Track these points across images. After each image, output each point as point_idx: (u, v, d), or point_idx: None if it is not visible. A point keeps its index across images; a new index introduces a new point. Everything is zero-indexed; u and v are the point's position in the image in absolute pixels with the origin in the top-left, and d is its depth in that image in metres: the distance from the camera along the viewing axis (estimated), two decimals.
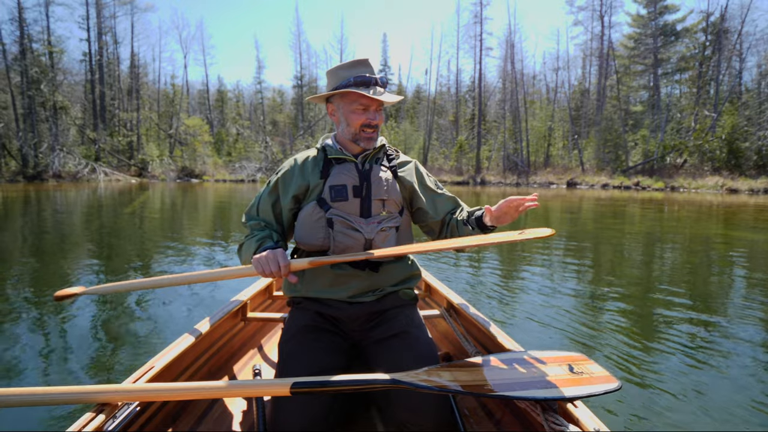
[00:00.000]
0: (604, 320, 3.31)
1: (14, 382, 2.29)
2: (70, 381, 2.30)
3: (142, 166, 34.84)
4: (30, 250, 6.15)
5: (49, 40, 33.72)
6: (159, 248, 6.30)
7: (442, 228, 1.53)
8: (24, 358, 2.56)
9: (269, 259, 1.22)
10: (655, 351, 2.73)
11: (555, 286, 4.27)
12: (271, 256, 1.22)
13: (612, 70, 35.18)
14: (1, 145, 30.47)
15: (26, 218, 10.15)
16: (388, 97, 1.38)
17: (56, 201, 14.94)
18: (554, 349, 1.41)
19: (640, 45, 34.68)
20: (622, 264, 5.57)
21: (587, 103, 38.86)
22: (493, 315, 3.37)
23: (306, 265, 1.28)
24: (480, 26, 39.74)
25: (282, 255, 1.24)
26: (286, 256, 1.25)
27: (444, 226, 1.52)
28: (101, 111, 36.90)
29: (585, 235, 8.22)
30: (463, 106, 42.94)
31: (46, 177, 29.24)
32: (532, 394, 1.03)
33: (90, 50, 37.04)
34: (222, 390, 1.03)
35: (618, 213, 12.59)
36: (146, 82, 41.58)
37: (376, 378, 1.03)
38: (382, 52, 51.29)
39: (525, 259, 5.79)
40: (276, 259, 1.22)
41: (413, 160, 1.56)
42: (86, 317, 3.25)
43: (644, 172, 29.90)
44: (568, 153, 37.11)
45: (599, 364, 1.20)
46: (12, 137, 31.21)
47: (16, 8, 32.06)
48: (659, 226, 9.61)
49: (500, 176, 34.56)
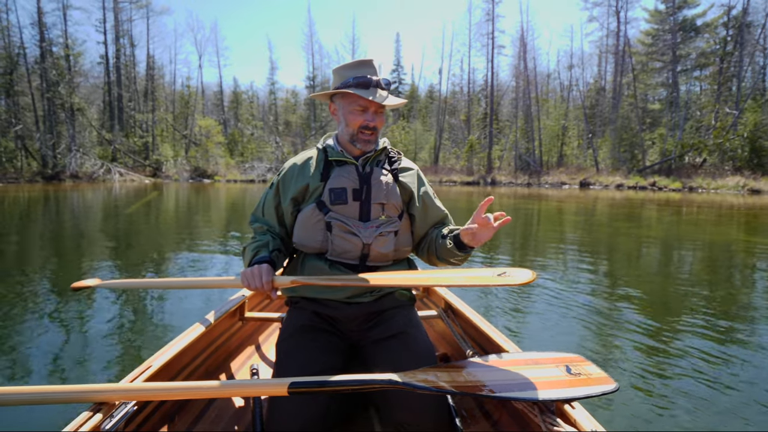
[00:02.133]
0: (603, 322, 3.28)
1: (11, 380, 2.29)
2: (66, 380, 2.31)
3: (156, 166, 35.44)
4: (47, 247, 6.31)
5: (67, 43, 34.59)
6: (170, 247, 6.40)
7: (422, 240, 1.52)
8: (23, 357, 2.57)
9: (254, 275, 1.24)
10: (653, 352, 2.73)
11: (555, 288, 4.22)
12: (257, 272, 1.24)
13: (628, 67, 34.35)
14: (22, 146, 31.35)
15: (46, 217, 10.52)
16: (387, 100, 1.36)
17: (73, 200, 15.42)
18: (552, 350, 1.37)
19: (658, 41, 33.81)
20: (628, 268, 5.44)
21: (602, 101, 38.03)
22: (490, 316, 3.34)
23: (288, 284, 1.30)
24: (492, 24, 39.33)
25: (267, 272, 1.25)
26: (270, 272, 1.27)
27: (424, 238, 1.51)
28: (119, 113, 37.68)
29: (593, 240, 7.99)
30: (475, 105, 42.55)
31: (64, 177, 29.98)
32: (529, 395, 1.02)
33: (107, 53, 37.95)
34: (219, 389, 1.03)
35: (632, 216, 11.97)
36: (162, 84, 42.29)
37: (373, 378, 1.03)
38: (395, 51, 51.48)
39: (526, 260, 5.71)
40: (261, 275, 1.24)
41: (416, 167, 1.54)
42: (83, 316, 3.25)
43: (661, 172, 29.16)
44: (582, 152, 36.38)
45: (596, 366, 1.19)
46: (32, 138, 32.04)
47: (35, 12, 33.02)
48: (675, 230, 9.12)
49: (511, 176, 34.13)
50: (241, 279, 1.26)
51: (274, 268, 1.32)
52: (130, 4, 38.64)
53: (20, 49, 32.42)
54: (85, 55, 36.74)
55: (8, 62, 31.56)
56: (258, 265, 1.26)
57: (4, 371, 2.40)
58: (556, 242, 7.29)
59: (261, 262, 1.28)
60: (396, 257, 1.46)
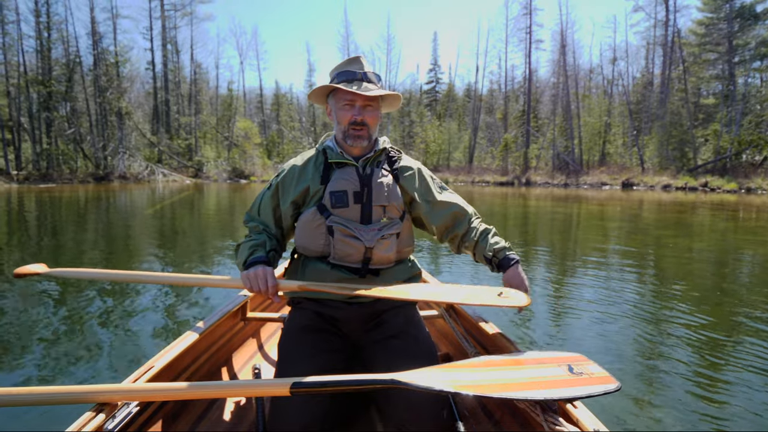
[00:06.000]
0: (606, 322, 3.26)
1: (10, 380, 2.32)
2: (68, 380, 2.33)
3: (198, 167, 36.97)
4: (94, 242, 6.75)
5: (116, 50, 36.83)
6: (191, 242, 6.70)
7: (447, 232, 1.53)
8: (23, 356, 2.61)
9: (258, 277, 1.24)
10: (655, 353, 2.73)
11: (556, 288, 4.13)
12: (261, 274, 1.24)
13: (678, 59, 32.20)
14: (80, 149, 33.68)
15: (98, 213, 11.37)
16: (374, 91, 1.35)
17: (122, 199, 16.60)
18: (554, 349, 1.52)
19: (712, 30, 31.45)
20: (645, 273, 5.08)
21: (649, 96, 35.86)
22: (492, 315, 3.25)
23: (294, 288, 1.29)
24: (529, 18, 38.15)
25: (271, 275, 1.25)
26: (274, 276, 1.27)
27: (445, 233, 1.52)
28: (165, 117, 39.61)
29: (621, 243, 7.45)
30: (513, 103, 41.38)
31: (112, 178, 31.98)
32: (531, 395, 1.02)
33: (153, 59, 40.00)
34: (222, 390, 1.04)
35: (681, 222, 10.38)
36: (205, 88, 44.06)
37: (375, 378, 1.03)
38: (432, 51, 50.78)
39: (527, 261, 5.58)
40: (265, 278, 1.24)
41: (417, 164, 1.53)
42: (84, 316, 3.30)
43: (714, 172, 27.11)
44: (627, 151, 34.49)
45: (599, 365, 1.19)
46: (86, 141, 34.28)
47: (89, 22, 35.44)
48: (733, 238, 7.93)
49: (548, 176, 32.87)
50: (243, 280, 1.25)
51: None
52: (175, 11, 40.48)
53: (76, 57, 34.86)
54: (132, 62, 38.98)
55: (66, 70, 33.99)
56: (262, 267, 1.25)
57: (4, 371, 2.44)
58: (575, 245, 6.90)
59: (258, 262, 1.28)
60: (398, 258, 1.46)
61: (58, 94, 33.25)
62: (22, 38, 32.24)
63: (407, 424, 1.19)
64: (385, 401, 1.24)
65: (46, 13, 33.08)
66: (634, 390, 2.24)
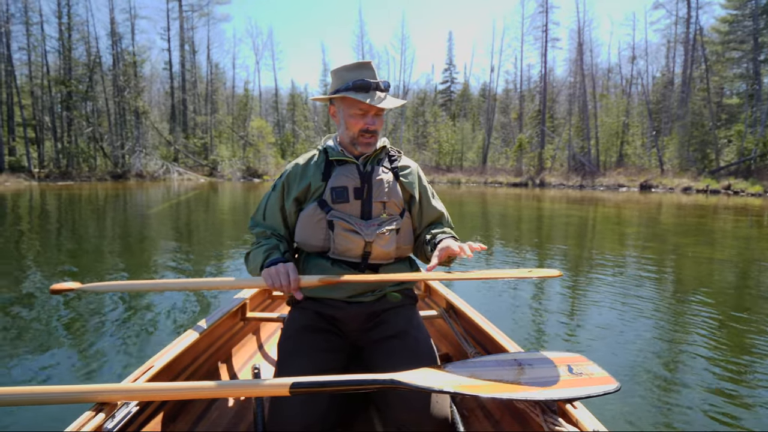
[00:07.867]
0: (606, 322, 3.25)
1: (12, 380, 2.33)
2: (68, 380, 2.34)
3: (212, 166, 37.48)
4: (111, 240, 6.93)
5: (134, 51, 37.62)
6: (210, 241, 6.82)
7: (416, 239, 1.54)
8: (23, 356, 2.62)
9: (280, 273, 1.23)
10: (655, 353, 2.73)
11: (565, 291, 4.11)
12: (282, 270, 1.23)
13: (701, 58, 31.37)
14: (100, 147, 34.48)
15: (116, 211, 11.72)
16: (386, 102, 1.37)
17: (140, 196, 17.05)
18: (554, 350, 1.44)
19: (737, 28, 30.54)
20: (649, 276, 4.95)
21: (670, 95, 35.00)
22: (492, 316, 3.23)
23: (316, 283, 1.28)
24: (546, 16, 37.66)
25: (293, 269, 1.25)
26: (296, 271, 1.26)
27: (418, 238, 1.53)
28: (182, 116, 40.24)
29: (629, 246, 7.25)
30: (528, 102, 40.89)
31: (129, 176, 32.67)
32: (531, 395, 1.02)
33: (170, 59, 40.64)
34: (221, 389, 1.03)
35: (701, 227, 9.81)
36: (221, 88, 44.62)
37: (375, 378, 1.03)
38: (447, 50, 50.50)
39: (527, 262, 5.57)
40: (287, 273, 1.23)
41: (415, 165, 1.55)
42: (84, 316, 3.32)
43: (738, 174, 26.31)
44: (646, 152, 33.73)
45: (598, 366, 1.19)
46: (105, 140, 35.05)
47: (109, 23, 36.31)
48: (757, 246, 7.29)
49: (563, 177, 32.34)
50: (264, 278, 1.25)
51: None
52: (192, 12, 41.07)
53: (96, 57, 35.71)
54: (149, 61, 39.71)
55: (87, 70, 34.83)
56: (282, 264, 1.25)
57: (5, 372, 2.44)
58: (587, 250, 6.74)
59: (277, 263, 1.27)
60: (398, 255, 1.46)
61: (78, 93, 34.06)
62: (45, 39, 33.12)
63: (407, 424, 1.19)
64: (385, 401, 1.24)
65: (67, 14, 33.92)
66: (634, 391, 2.23)
